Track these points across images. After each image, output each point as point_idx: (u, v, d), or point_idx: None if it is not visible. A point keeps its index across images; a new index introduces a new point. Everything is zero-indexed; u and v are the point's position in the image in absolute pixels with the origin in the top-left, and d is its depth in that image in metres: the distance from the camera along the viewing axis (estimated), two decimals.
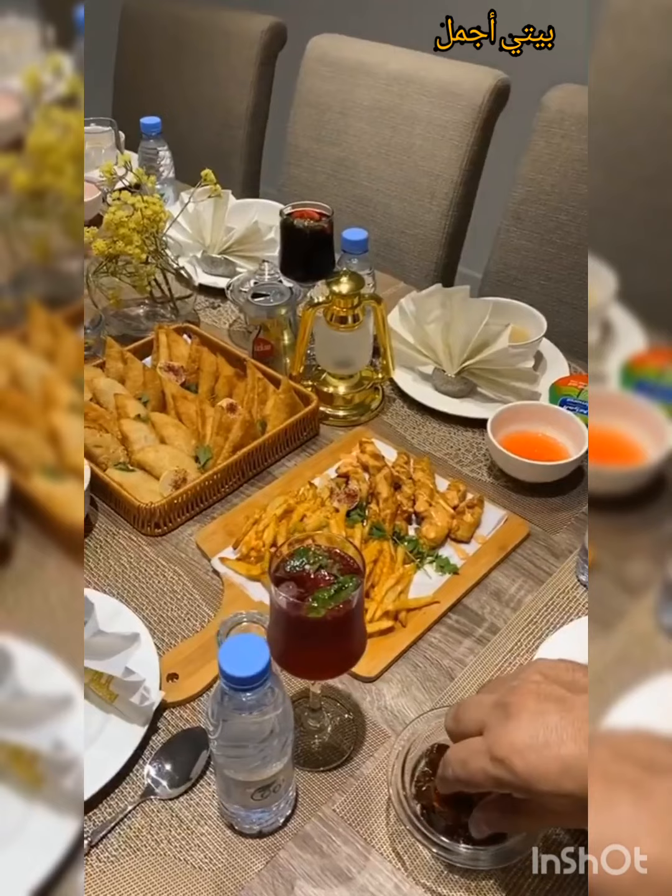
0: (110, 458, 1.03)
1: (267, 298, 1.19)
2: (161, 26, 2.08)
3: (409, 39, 1.68)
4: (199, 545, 0.96)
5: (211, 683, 0.81)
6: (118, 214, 1.17)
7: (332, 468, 1.06)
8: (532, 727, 0.53)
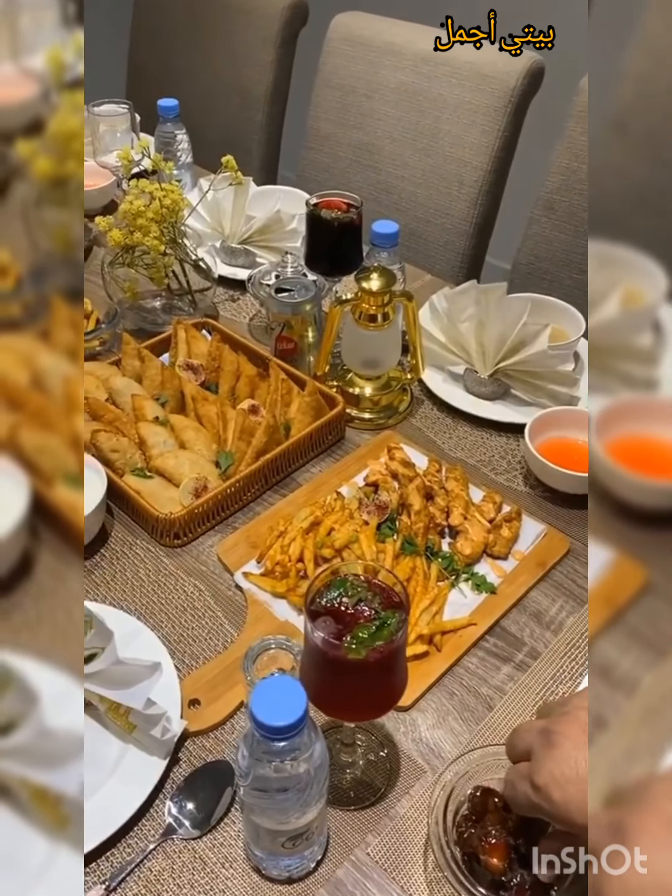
0: (127, 464, 0.97)
1: (291, 294, 1.13)
2: (177, 3, 2.00)
3: (433, 18, 1.60)
4: (221, 558, 0.91)
5: (235, 710, 0.77)
6: (136, 204, 1.11)
7: (359, 475, 1.01)
8: (573, 758, 0.52)
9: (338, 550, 0.86)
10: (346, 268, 1.15)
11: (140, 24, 2.10)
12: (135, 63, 2.14)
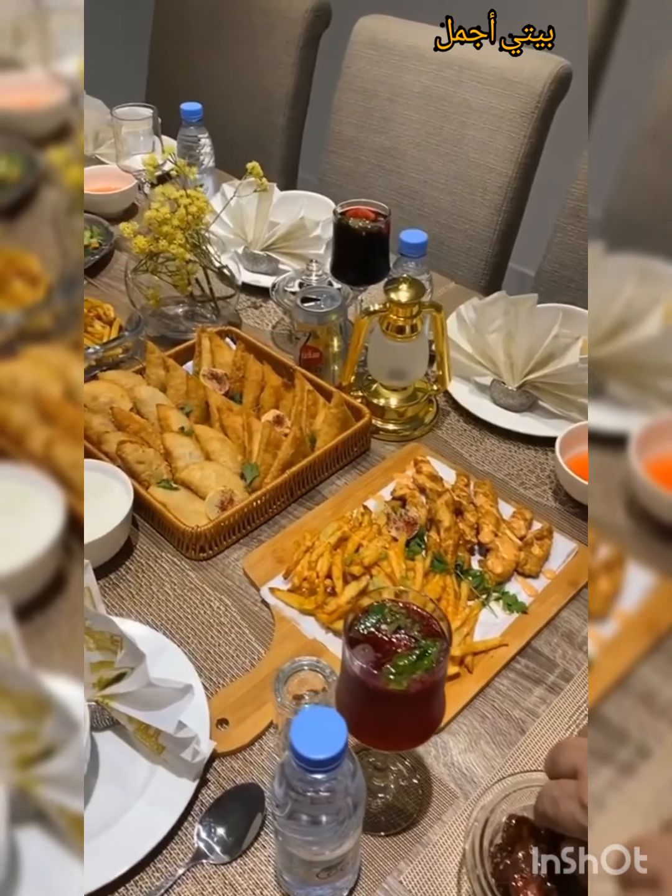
0: (153, 476, 0.96)
1: (317, 303, 1.11)
2: (198, 4, 1.99)
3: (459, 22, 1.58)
4: (247, 572, 0.90)
5: (263, 731, 0.75)
6: (162, 211, 1.10)
7: (385, 489, 1.00)
8: None
9: (367, 567, 0.84)
10: (373, 277, 1.13)
11: (160, 26, 2.09)
12: (155, 65, 2.13)
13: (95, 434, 0.99)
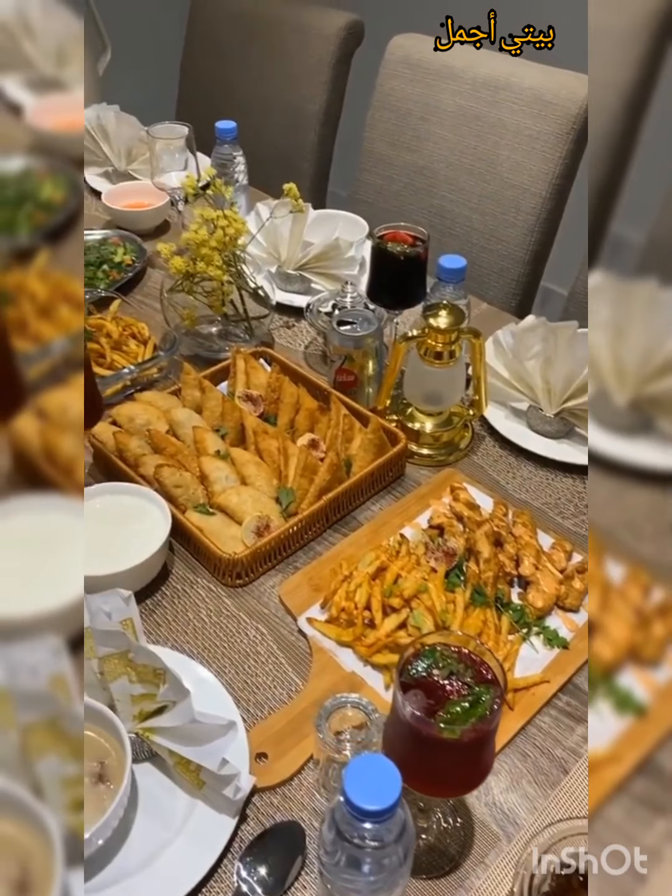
0: (190, 500, 0.96)
1: (353, 327, 1.11)
2: (231, 20, 2.00)
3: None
4: (283, 600, 0.90)
5: (303, 766, 0.75)
6: (200, 233, 1.10)
7: (422, 516, 0.99)
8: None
9: (407, 600, 0.83)
10: (410, 301, 1.13)
11: (193, 42, 2.10)
12: (186, 81, 2.14)
13: (133, 457, 0.99)
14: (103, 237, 1.49)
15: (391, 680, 0.80)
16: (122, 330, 1.23)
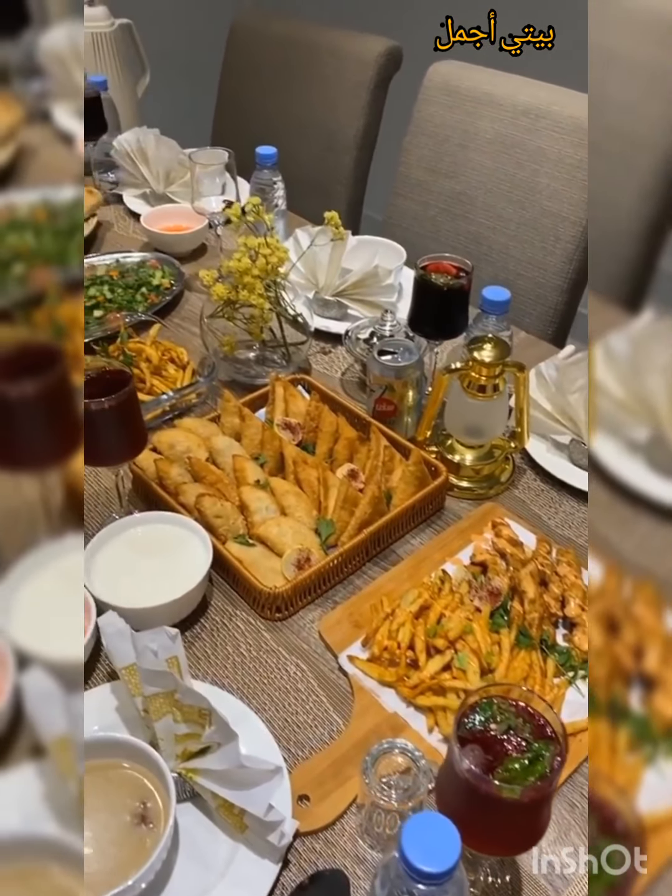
0: (230, 530, 0.96)
1: (394, 357, 1.10)
2: (270, 46, 2.02)
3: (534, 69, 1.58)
4: (323, 636, 0.88)
5: (346, 810, 0.73)
6: (244, 262, 1.10)
7: (463, 552, 0.98)
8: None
9: (451, 641, 0.82)
10: (451, 332, 1.12)
11: (232, 64, 2.12)
12: (223, 104, 2.16)
13: (173, 484, 0.99)
14: (142, 260, 1.50)
15: (435, 723, 0.79)
16: (161, 354, 1.23)
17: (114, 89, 1.84)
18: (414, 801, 0.66)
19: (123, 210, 1.73)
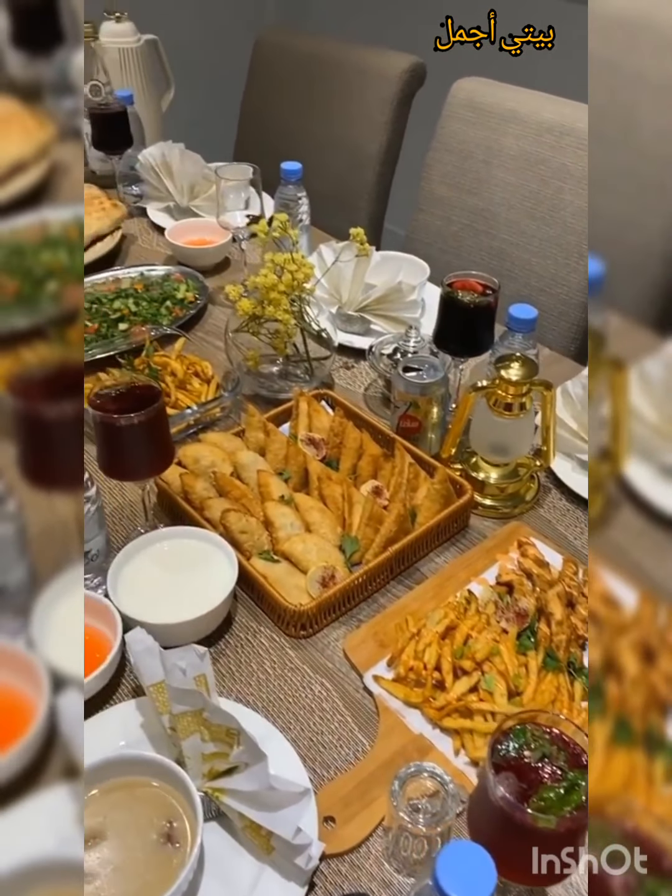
0: (255, 546, 0.95)
1: (419, 373, 1.10)
2: (294, 62, 2.03)
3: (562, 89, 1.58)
4: (348, 655, 0.88)
5: (372, 833, 0.73)
6: (270, 278, 1.11)
7: (489, 571, 0.97)
8: None
9: (478, 663, 0.81)
10: (477, 349, 1.12)
11: (255, 79, 2.14)
12: (246, 116, 2.18)
13: (199, 499, 0.99)
14: (166, 273, 1.51)
15: (461, 745, 0.78)
16: (186, 368, 1.23)
17: (139, 103, 1.86)
18: (443, 826, 0.66)
19: (147, 223, 1.74)
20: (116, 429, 0.84)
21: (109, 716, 0.78)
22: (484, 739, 0.76)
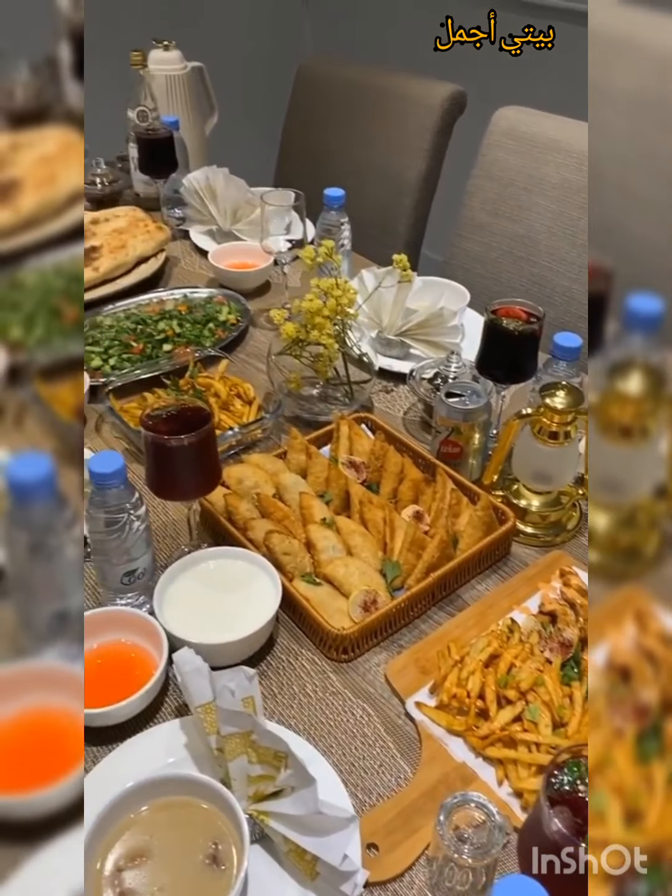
0: (297, 568, 0.96)
1: (462, 399, 1.10)
2: (336, 89, 2.07)
3: None
4: (390, 681, 0.88)
5: (415, 862, 0.72)
6: (315, 303, 1.12)
7: (531, 600, 0.96)
8: None
9: (522, 692, 0.81)
10: (520, 377, 1.12)
11: (297, 106, 2.18)
12: (287, 143, 2.22)
13: (242, 520, 1.00)
14: (209, 295, 1.54)
15: (504, 776, 0.78)
16: (229, 390, 1.25)
17: (184, 128, 1.90)
18: (489, 857, 0.65)
19: (190, 246, 1.77)
20: (167, 449, 0.86)
21: (155, 734, 0.79)
22: (528, 770, 0.76)
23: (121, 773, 0.73)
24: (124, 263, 1.55)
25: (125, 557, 0.88)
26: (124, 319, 1.44)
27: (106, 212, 1.69)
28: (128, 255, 1.55)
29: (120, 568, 0.89)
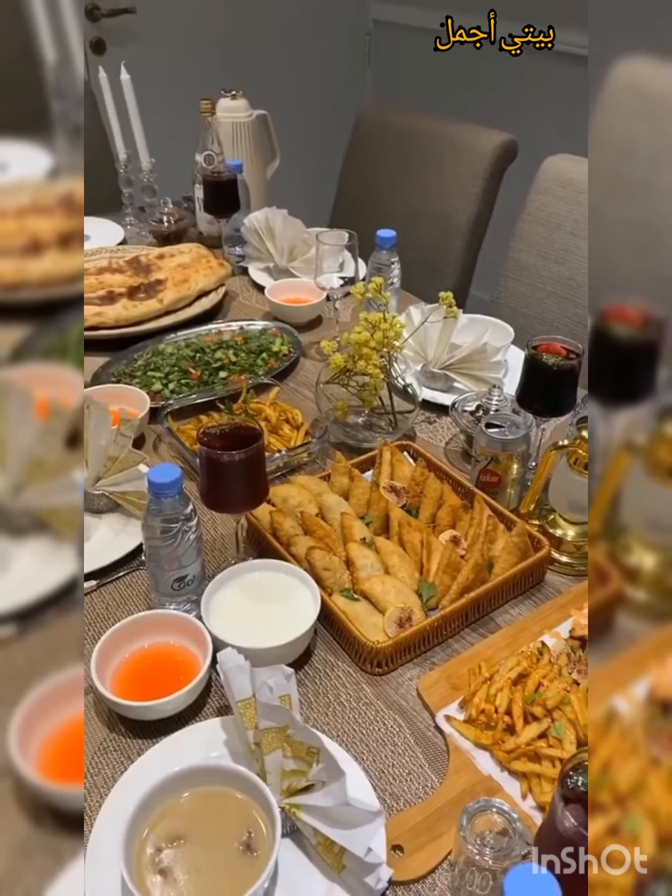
0: (336, 583, 1.01)
1: (501, 430, 1.15)
2: (391, 137, 2.16)
3: None
4: (421, 695, 0.91)
5: (437, 866, 0.75)
6: (363, 335, 1.19)
7: (562, 625, 0.99)
8: None
9: (549, 710, 0.84)
10: (559, 410, 1.16)
11: (355, 152, 2.28)
12: (344, 186, 2.32)
13: (286, 536, 1.06)
14: (264, 328, 1.62)
15: (528, 789, 0.80)
16: (278, 415, 1.32)
17: (247, 171, 2.01)
18: (509, 861, 0.68)
19: (248, 281, 1.87)
20: (219, 464, 0.92)
21: (198, 730, 0.84)
22: (552, 785, 0.78)
23: (164, 763, 0.78)
24: (187, 296, 1.65)
25: (176, 564, 0.94)
26: (184, 348, 1.53)
27: (171, 248, 1.81)
28: (190, 288, 1.66)
29: (171, 574, 0.95)
